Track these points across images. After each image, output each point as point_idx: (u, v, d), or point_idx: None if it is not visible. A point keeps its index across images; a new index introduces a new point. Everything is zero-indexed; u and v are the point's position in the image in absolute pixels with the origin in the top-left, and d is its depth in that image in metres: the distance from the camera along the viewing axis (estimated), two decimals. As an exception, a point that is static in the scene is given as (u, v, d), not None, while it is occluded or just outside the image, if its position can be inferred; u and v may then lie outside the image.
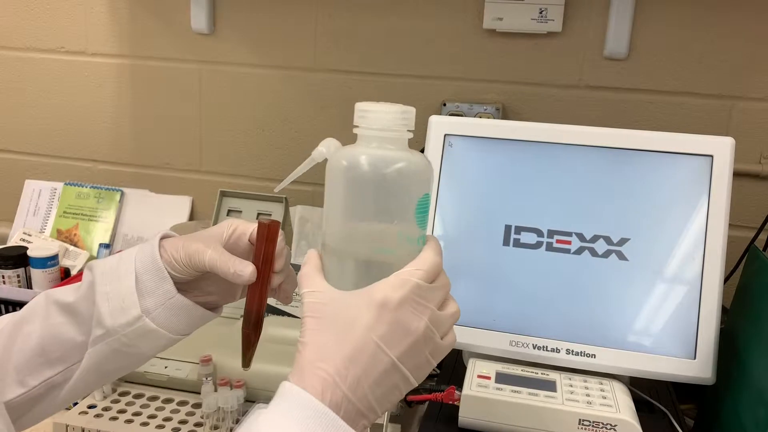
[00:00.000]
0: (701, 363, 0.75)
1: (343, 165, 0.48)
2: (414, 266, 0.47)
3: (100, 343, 0.56)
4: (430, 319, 0.47)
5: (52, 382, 0.58)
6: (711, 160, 0.78)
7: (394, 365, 0.45)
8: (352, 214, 0.48)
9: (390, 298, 0.45)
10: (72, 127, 1.36)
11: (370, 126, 0.48)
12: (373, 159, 0.47)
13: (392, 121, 0.47)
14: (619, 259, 0.79)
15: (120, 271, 0.56)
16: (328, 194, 0.50)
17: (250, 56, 1.23)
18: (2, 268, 1.12)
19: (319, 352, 0.45)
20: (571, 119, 1.12)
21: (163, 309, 0.56)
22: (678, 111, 1.09)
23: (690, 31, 1.06)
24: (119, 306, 0.55)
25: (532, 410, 0.71)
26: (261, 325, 0.59)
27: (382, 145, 0.48)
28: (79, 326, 0.57)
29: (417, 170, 0.48)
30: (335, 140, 0.51)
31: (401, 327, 0.45)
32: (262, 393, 0.83)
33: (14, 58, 1.35)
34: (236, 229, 0.59)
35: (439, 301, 0.48)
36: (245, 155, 1.28)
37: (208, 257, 0.56)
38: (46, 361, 0.57)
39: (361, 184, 0.47)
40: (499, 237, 0.83)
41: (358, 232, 0.48)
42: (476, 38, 1.13)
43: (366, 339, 0.45)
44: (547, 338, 0.79)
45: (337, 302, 0.47)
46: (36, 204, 1.34)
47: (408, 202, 0.48)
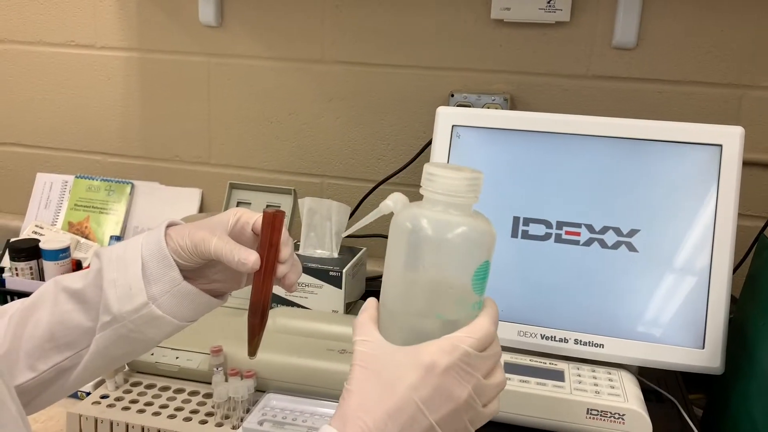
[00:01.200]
0: (710, 352, 0.76)
1: (407, 226, 0.49)
2: (466, 332, 0.47)
3: (108, 329, 0.57)
4: (474, 388, 0.47)
5: (61, 366, 0.59)
6: (720, 149, 0.78)
7: (432, 428, 0.46)
8: (410, 274, 0.49)
9: (437, 363, 0.46)
10: (82, 121, 1.37)
11: (436, 190, 0.48)
12: (435, 223, 0.48)
13: (459, 187, 0.48)
14: (629, 251, 0.79)
15: (127, 258, 0.57)
16: (389, 250, 0.50)
17: (258, 49, 1.23)
18: (15, 261, 1.13)
19: (362, 402, 0.46)
20: (580, 109, 1.11)
21: (169, 296, 0.57)
22: (687, 101, 1.08)
23: (699, 19, 1.05)
24: (126, 293, 0.56)
25: (540, 400, 0.71)
26: (266, 314, 0.60)
27: (446, 210, 0.48)
28: (87, 312, 0.58)
29: (479, 237, 0.48)
30: (402, 196, 0.52)
31: (444, 392, 0.46)
32: (272, 383, 0.84)
33: (24, 52, 1.36)
34: (240, 218, 0.60)
35: (486, 370, 0.48)
36: (254, 147, 1.29)
37: (213, 245, 0.57)
38: (55, 347, 0.59)
39: (422, 247, 0.48)
40: (507, 229, 0.83)
41: (414, 291, 0.49)
42: (484, 28, 1.13)
43: (408, 399, 0.45)
44: (556, 328, 0.79)
45: (386, 356, 0.47)
46: (47, 197, 1.36)
47: (467, 268, 0.48)
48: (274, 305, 1.01)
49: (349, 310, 1.03)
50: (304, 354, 0.85)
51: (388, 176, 1.16)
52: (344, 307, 1.00)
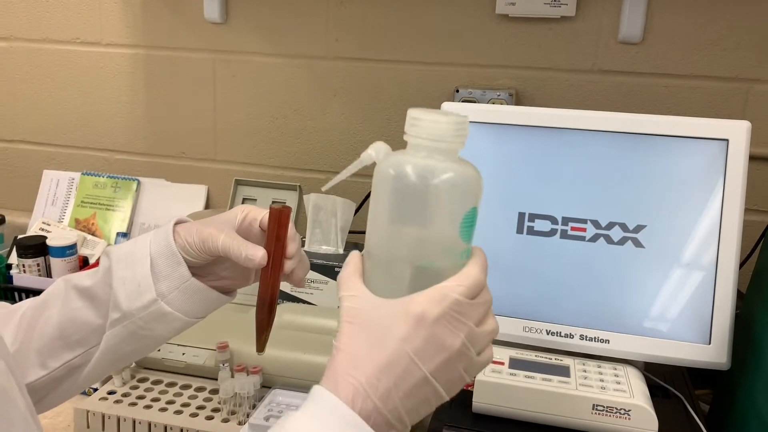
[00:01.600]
0: (716, 348, 0.75)
1: (390, 174, 0.47)
2: (456, 281, 0.46)
3: (117, 326, 0.58)
4: (467, 336, 0.46)
5: (72, 364, 0.59)
6: (727, 144, 0.77)
7: (426, 379, 0.45)
8: (396, 223, 0.48)
9: (427, 313, 0.45)
10: (88, 118, 1.37)
11: (419, 135, 0.46)
12: (420, 169, 0.46)
13: (443, 131, 0.46)
14: (636, 247, 0.79)
15: (135, 255, 0.58)
16: (373, 199, 0.49)
17: (263, 45, 1.23)
18: (22, 258, 1.14)
19: (352, 359, 0.45)
20: (585, 104, 1.11)
21: (177, 293, 0.57)
22: (694, 95, 1.08)
23: (705, 13, 1.04)
24: (135, 290, 0.57)
25: (545, 395, 0.71)
26: (274, 309, 0.60)
27: (431, 155, 0.46)
28: (96, 310, 0.59)
29: (465, 183, 0.47)
30: (385, 144, 0.50)
31: (436, 342, 0.45)
32: (278, 379, 0.84)
33: (30, 49, 1.37)
34: (248, 215, 0.60)
35: (478, 317, 0.47)
36: (259, 144, 1.29)
37: (221, 242, 0.57)
38: (65, 344, 0.59)
39: (407, 194, 0.46)
40: (512, 225, 0.83)
41: (401, 240, 0.48)
42: (489, 23, 1.12)
43: (400, 351, 0.44)
44: (561, 324, 0.79)
45: (374, 309, 0.46)
46: (54, 194, 1.36)
47: (454, 215, 0.47)
48: (280, 301, 1.01)
49: (355, 306, 1.03)
50: (309, 350, 0.85)
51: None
52: (350, 303, 1.00)
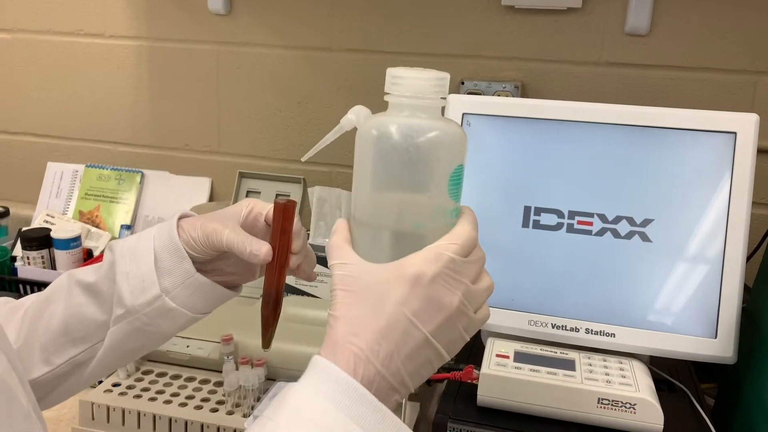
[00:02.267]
0: (722, 342, 0.75)
1: (373, 134, 0.46)
2: (449, 240, 0.46)
3: (121, 322, 0.57)
4: (464, 294, 0.45)
5: (76, 360, 0.59)
6: (734, 137, 0.77)
7: (427, 340, 0.45)
8: (382, 186, 0.47)
9: (423, 273, 0.44)
10: (92, 110, 1.37)
11: (402, 93, 0.45)
12: (404, 128, 0.45)
13: (425, 87, 0.45)
14: (643, 241, 0.78)
15: (139, 251, 0.57)
16: (357, 164, 0.48)
17: (267, 37, 1.23)
18: (26, 250, 1.14)
19: (350, 326, 0.44)
20: (592, 97, 1.10)
21: (182, 288, 0.57)
22: (701, 87, 1.07)
23: (713, 5, 1.04)
24: (139, 285, 0.56)
25: (550, 389, 0.71)
26: (280, 305, 0.59)
27: (414, 114, 0.46)
28: (100, 306, 0.58)
29: (450, 140, 0.46)
30: (365, 108, 0.49)
31: (434, 302, 0.44)
32: (283, 371, 0.84)
33: (34, 41, 1.36)
34: (253, 209, 0.60)
35: (473, 275, 0.47)
36: (263, 136, 1.28)
37: (225, 237, 0.56)
38: (69, 340, 0.59)
39: (392, 154, 0.45)
40: (518, 218, 0.82)
41: (389, 203, 0.47)
42: (495, 15, 1.11)
43: (398, 314, 0.44)
44: (566, 317, 0.79)
45: (368, 275, 0.45)
46: (58, 186, 1.36)
47: (441, 174, 0.46)
48: (285, 294, 1.01)
49: (359, 298, 1.03)
50: (314, 343, 0.85)
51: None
52: (354, 296, 1.00)
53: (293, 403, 0.43)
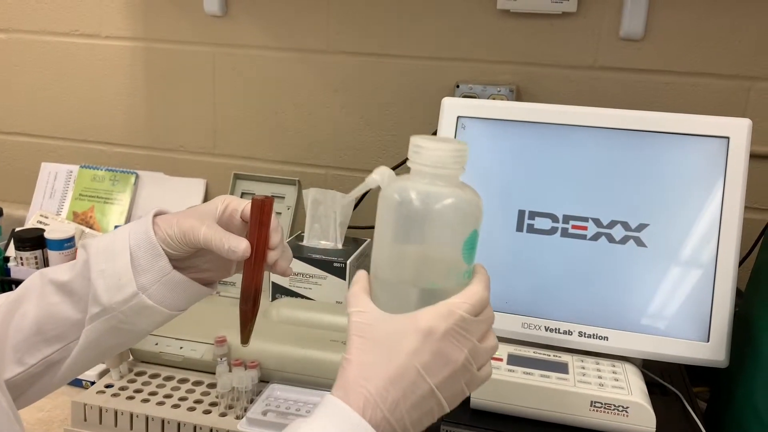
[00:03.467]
0: (714, 345, 0.75)
1: (395, 199, 0.49)
2: (462, 298, 0.48)
3: (97, 320, 0.57)
4: (470, 351, 0.48)
5: (50, 360, 0.59)
6: (727, 141, 0.77)
7: (432, 392, 0.47)
8: (401, 246, 0.50)
9: (435, 328, 0.46)
10: (87, 110, 1.37)
11: (423, 162, 0.48)
12: (423, 195, 0.48)
13: (444, 159, 0.48)
14: (637, 246, 0.78)
15: (115, 248, 0.57)
16: (379, 223, 0.51)
17: (263, 39, 1.23)
18: (20, 250, 1.13)
19: (363, 371, 0.47)
20: (586, 101, 1.11)
21: (158, 285, 0.57)
22: (695, 92, 1.08)
23: (708, 10, 1.04)
24: (115, 283, 0.56)
25: (543, 392, 0.71)
26: (258, 301, 0.60)
27: (433, 182, 0.48)
28: (75, 305, 0.58)
29: (466, 208, 0.49)
30: (388, 169, 0.53)
31: (443, 356, 0.47)
32: (276, 374, 0.84)
33: (29, 41, 1.36)
34: (229, 205, 0.60)
35: (481, 334, 0.49)
36: (259, 138, 1.28)
37: (202, 234, 0.56)
38: (43, 340, 0.58)
39: (412, 219, 0.48)
40: (512, 222, 0.82)
41: (406, 263, 0.50)
42: (490, 19, 1.12)
43: (409, 364, 0.46)
44: (560, 321, 0.79)
45: (383, 324, 0.48)
46: (52, 186, 1.36)
47: (456, 239, 0.48)
48: (278, 296, 1.01)
49: (353, 301, 1.03)
50: (307, 345, 0.85)
51: (393, 167, 1.14)
52: (348, 298, 1.00)
53: None
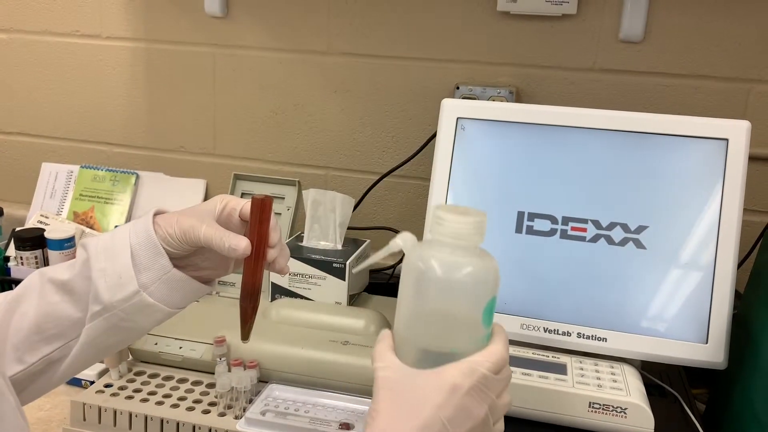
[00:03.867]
0: (713, 347, 0.75)
1: (419, 266, 0.51)
2: (484, 357, 0.50)
3: (98, 318, 0.57)
4: (490, 407, 0.50)
5: (50, 358, 0.59)
6: (726, 143, 0.78)
7: None
8: (423, 311, 0.52)
9: (460, 385, 0.48)
10: (87, 111, 1.37)
11: (444, 234, 0.51)
12: (445, 265, 0.50)
13: (464, 231, 0.51)
14: (637, 248, 0.78)
15: (115, 247, 0.58)
16: (402, 286, 0.53)
17: (264, 40, 1.23)
18: (20, 250, 1.14)
19: (390, 422, 0.49)
20: (586, 103, 1.11)
21: (159, 283, 0.57)
22: (694, 94, 1.08)
23: (707, 13, 1.04)
24: (116, 282, 0.57)
25: (542, 393, 0.71)
26: (258, 298, 0.61)
27: (454, 252, 0.51)
28: (75, 303, 0.58)
29: (485, 276, 0.51)
30: (411, 235, 0.56)
31: (466, 411, 0.49)
32: (275, 374, 0.84)
33: (30, 41, 1.36)
34: (227, 205, 0.61)
35: (499, 391, 0.51)
36: (259, 139, 1.28)
37: (203, 232, 0.57)
38: (43, 339, 0.59)
39: (433, 287, 0.51)
40: (511, 224, 0.83)
41: (428, 327, 0.52)
42: (490, 21, 1.12)
43: (434, 418, 0.48)
44: (558, 321, 0.79)
45: (409, 379, 0.50)
46: (53, 187, 1.36)
47: (476, 306, 0.51)
48: (277, 296, 1.01)
49: (353, 301, 1.03)
50: (307, 345, 0.85)
51: (393, 168, 1.16)
52: (347, 299, 1.00)
53: None
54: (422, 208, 1.01)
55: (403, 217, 1.23)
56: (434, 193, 0.85)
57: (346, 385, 0.82)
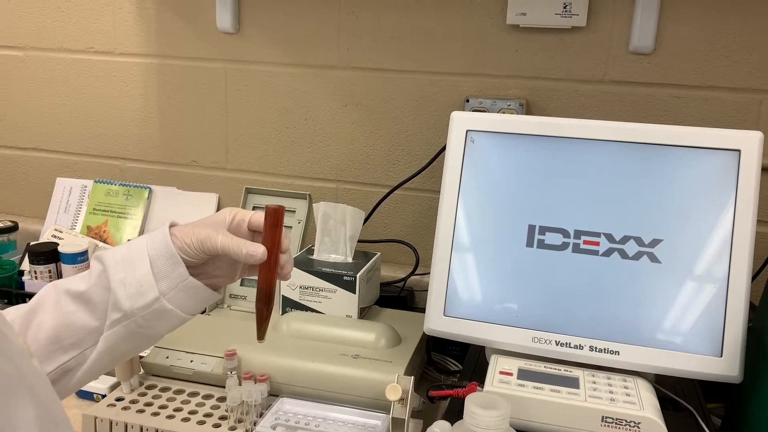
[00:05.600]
0: (728, 361, 0.74)
1: None
2: None
3: (118, 326, 0.61)
4: None
5: (66, 366, 0.62)
6: (739, 154, 0.77)
7: None
8: None
9: None
10: (101, 126, 1.38)
11: (477, 425, 0.63)
12: None
13: (492, 423, 0.62)
14: (651, 262, 0.77)
15: (133, 258, 0.62)
16: None
17: (275, 55, 1.24)
18: (34, 264, 1.15)
19: None
20: (596, 115, 1.11)
21: (177, 291, 0.62)
22: (705, 106, 1.07)
23: (718, 24, 1.04)
24: (137, 290, 0.61)
25: (554, 407, 0.70)
26: (273, 299, 0.66)
27: None
28: (92, 313, 0.62)
29: None
30: (447, 424, 0.66)
31: None
32: (286, 387, 0.84)
33: (45, 58, 1.38)
34: (236, 216, 0.66)
35: None
36: (270, 153, 1.29)
37: (220, 241, 0.62)
38: (60, 348, 0.61)
39: None
40: (522, 238, 0.82)
41: None
42: (500, 34, 1.12)
43: None
44: (571, 335, 0.79)
45: None
46: (67, 201, 1.37)
47: None
48: (288, 309, 1.01)
49: (363, 314, 1.03)
50: (317, 359, 0.85)
51: (403, 181, 1.16)
52: (358, 312, 0.99)
53: None
54: (432, 220, 1.01)
55: (414, 230, 1.23)
56: (444, 205, 0.85)
57: (357, 398, 0.82)
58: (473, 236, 0.84)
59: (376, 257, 1.09)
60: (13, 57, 1.40)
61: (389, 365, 0.84)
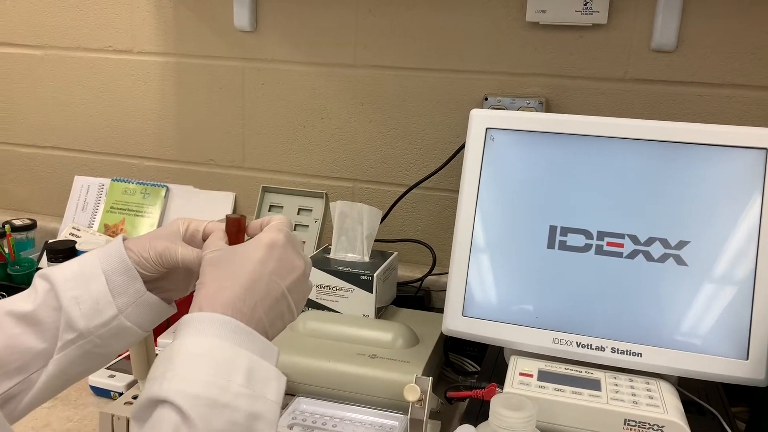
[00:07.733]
0: (754, 364, 0.73)
1: None
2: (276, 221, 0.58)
3: (71, 347, 0.57)
4: (305, 263, 0.58)
5: (9, 393, 0.57)
6: (765, 153, 0.75)
7: (284, 294, 0.55)
8: None
9: (277, 239, 0.55)
10: (119, 125, 1.39)
11: (502, 426, 0.63)
12: None
13: (519, 424, 0.63)
14: (678, 264, 0.76)
15: (85, 275, 0.58)
16: None
17: (292, 53, 1.24)
18: (52, 262, 1.15)
19: (218, 287, 0.52)
20: (617, 114, 1.09)
21: (134, 307, 0.59)
22: (730, 104, 1.05)
23: (741, 20, 1.02)
24: (93, 308, 0.57)
25: (575, 409, 0.69)
26: None
27: None
28: (40, 334, 0.57)
29: None
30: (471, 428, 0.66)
31: (287, 262, 0.56)
32: (303, 387, 0.84)
33: (64, 57, 1.39)
34: (190, 226, 0.63)
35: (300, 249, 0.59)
36: (287, 151, 1.29)
37: (180, 253, 0.60)
38: (3, 373, 0.56)
39: None
40: (543, 239, 0.81)
41: None
42: (519, 31, 1.11)
43: (260, 272, 0.53)
44: (592, 336, 0.77)
45: (231, 251, 0.56)
46: (84, 199, 1.38)
47: None
48: (304, 309, 1.01)
49: (380, 314, 1.02)
50: (334, 358, 0.85)
51: (420, 180, 1.15)
52: (375, 312, 0.99)
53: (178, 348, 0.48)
54: (450, 220, 1.00)
55: (431, 230, 1.22)
56: (463, 205, 0.84)
57: (374, 398, 0.81)
58: (493, 236, 0.83)
59: (393, 257, 1.08)
60: (32, 56, 1.41)
61: (407, 365, 0.84)
